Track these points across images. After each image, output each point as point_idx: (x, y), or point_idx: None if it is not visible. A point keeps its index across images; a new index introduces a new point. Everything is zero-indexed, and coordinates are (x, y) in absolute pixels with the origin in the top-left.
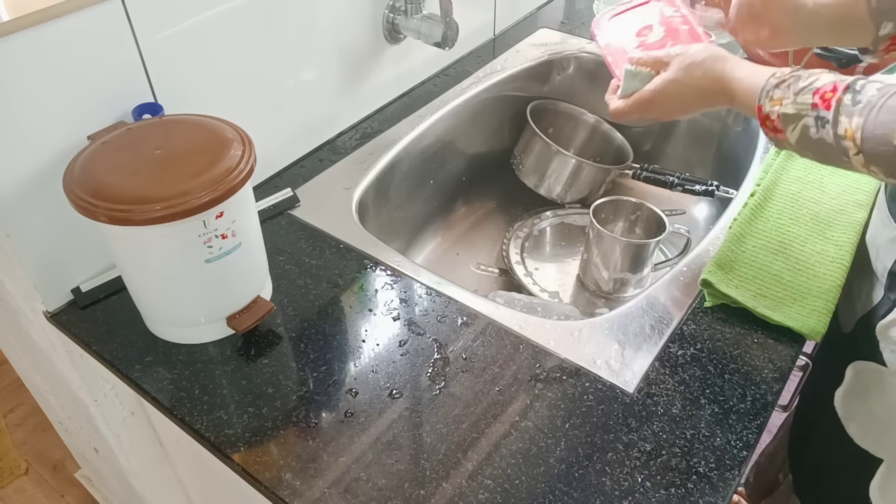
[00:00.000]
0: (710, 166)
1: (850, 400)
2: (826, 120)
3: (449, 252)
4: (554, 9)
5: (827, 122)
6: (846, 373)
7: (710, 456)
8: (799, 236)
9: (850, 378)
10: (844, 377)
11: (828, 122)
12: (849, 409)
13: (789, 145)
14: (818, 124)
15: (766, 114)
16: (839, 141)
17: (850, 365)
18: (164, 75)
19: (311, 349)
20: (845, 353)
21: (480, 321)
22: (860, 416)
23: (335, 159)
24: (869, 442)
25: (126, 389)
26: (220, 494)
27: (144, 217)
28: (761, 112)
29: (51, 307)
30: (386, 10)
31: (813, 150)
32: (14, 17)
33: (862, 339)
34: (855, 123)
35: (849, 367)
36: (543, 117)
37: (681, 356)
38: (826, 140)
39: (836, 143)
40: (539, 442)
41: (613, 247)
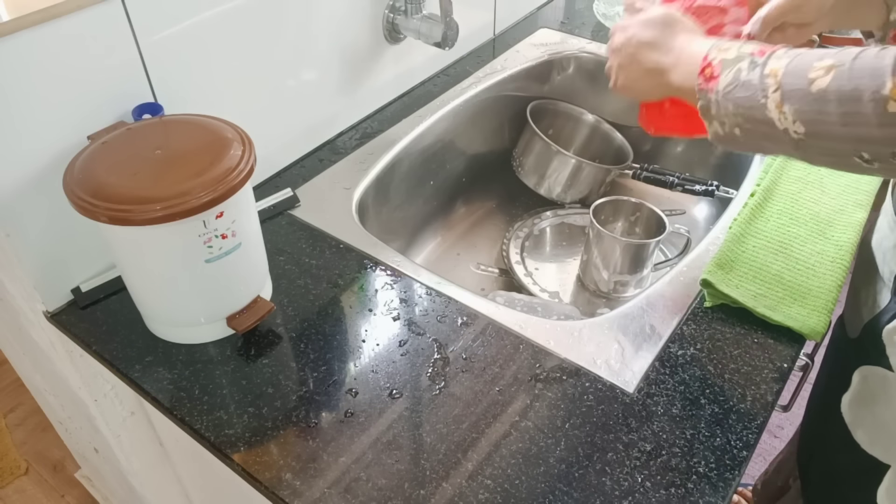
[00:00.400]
0: (710, 166)
1: (858, 406)
2: (757, 63)
3: (449, 252)
4: (554, 9)
5: (758, 65)
6: (853, 378)
7: (710, 456)
8: (799, 236)
9: (856, 383)
10: (851, 383)
11: (758, 65)
12: (856, 416)
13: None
14: (750, 67)
15: (709, 60)
16: (763, 80)
17: (856, 370)
18: (164, 75)
19: (311, 349)
20: (852, 358)
21: (480, 321)
22: (868, 423)
23: (335, 159)
24: (877, 449)
25: (126, 389)
26: (220, 494)
27: (144, 217)
28: (706, 59)
29: (51, 307)
30: (386, 10)
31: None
32: (14, 17)
33: (869, 344)
34: (782, 63)
35: (855, 373)
36: (543, 117)
37: (681, 356)
38: (752, 81)
39: (760, 82)
40: (539, 442)
41: (613, 247)
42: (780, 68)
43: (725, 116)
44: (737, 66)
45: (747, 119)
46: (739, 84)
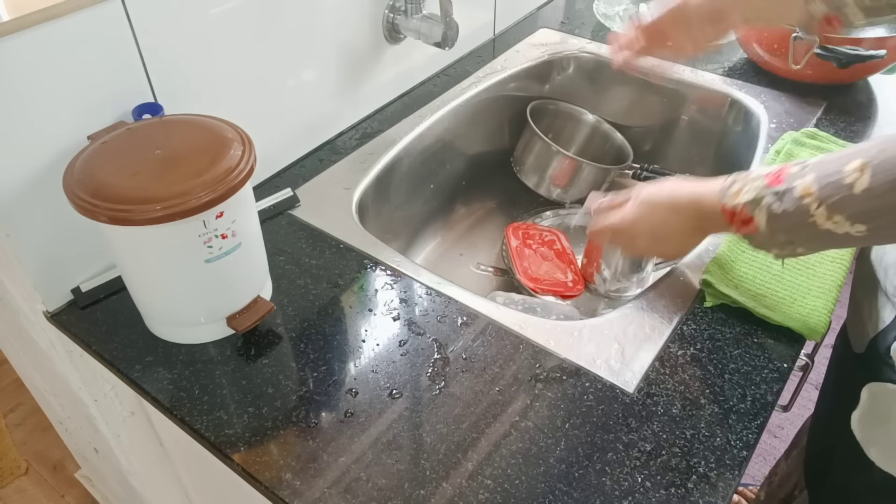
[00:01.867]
0: (710, 166)
1: (869, 424)
2: (782, 192)
3: (449, 252)
4: (554, 9)
5: (784, 193)
6: (861, 395)
7: (710, 456)
8: None
9: (865, 400)
10: (860, 399)
11: (785, 193)
12: (868, 434)
13: (761, 235)
14: (777, 199)
15: (731, 209)
16: (799, 203)
17: (865, 387)
18: (164, 75)
19: (311, 349)
20: (859, 373)
21: (480, 321)
22: (882, 440)
23: (335, 159)
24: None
25: (126, 389)
26: (220, 494)
27: (144, 217)
28: (726, 210)
29: (51, 307)
30: (386, 10)
31: (781, 225)
32: (14, 17)
33: (875, 360)
34: (809, 180)
35: (864, 390)
36: (543, 117)
37: (681, 356)
38: (789, 210)
39: (798, 207)
40: (539, 442)
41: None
42: (810, 185)
43: (782, 244)
44: (763, 205)
45: (805, 239)
46: (778, 217)
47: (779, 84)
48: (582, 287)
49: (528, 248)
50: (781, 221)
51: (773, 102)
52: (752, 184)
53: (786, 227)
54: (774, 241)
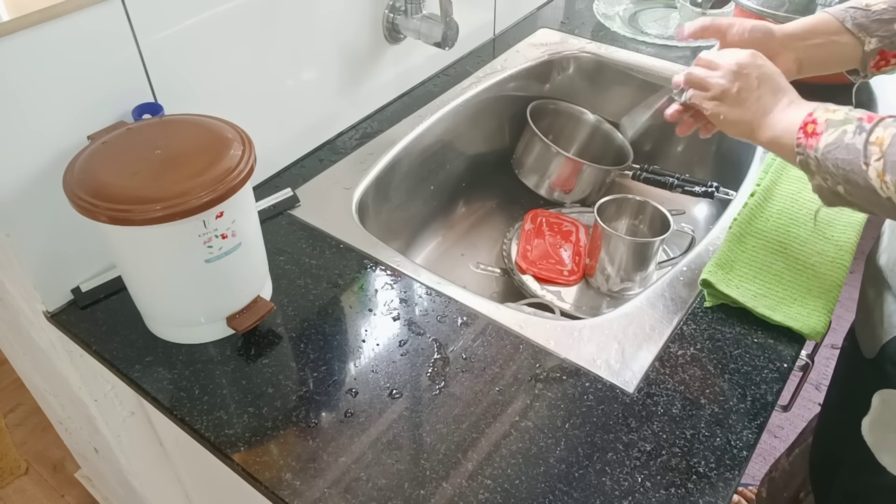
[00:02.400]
0: (710, 166)
1: (881, 429)
2: (864, 128)
3: (449, 252)
4: (554, 9)
5: (864, 130)
6: (873, 401)
7: (710, 456)
8: (799, 236)
9: (877, 406)
10: (871, 405)
11: (865, 130)
12: (880, 439)
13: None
14: (857, 131)
15: (814, 117)
16: (867, 146)
17: (876, 393)
18: (164, 75)
19: (311, 349)
20: (869, 379)
21: (480, 321)
22: (894, 447)
23: (335, 159)
24: None
25: (126, 389)
26: (220, 494)
27: (144, 217)
28: (810, 115)
29: (51, 307)
30: (386, 10)
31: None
32: (14, 17)
33: (887, 367)
34: (889, 132)
35: (875, 396)
36: (544, 117)
37: (681, 356)
38: (855, 145)
39: (864, 148)
40: (539, 442)
41: (618, 245)
42: (885, 138)
43: (827, 174)
44: (842, 128)
45: (848, 181)
46: (842, 146)
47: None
48: (577, 279)
49: (539, 236)
50: (840, 152)
51: None
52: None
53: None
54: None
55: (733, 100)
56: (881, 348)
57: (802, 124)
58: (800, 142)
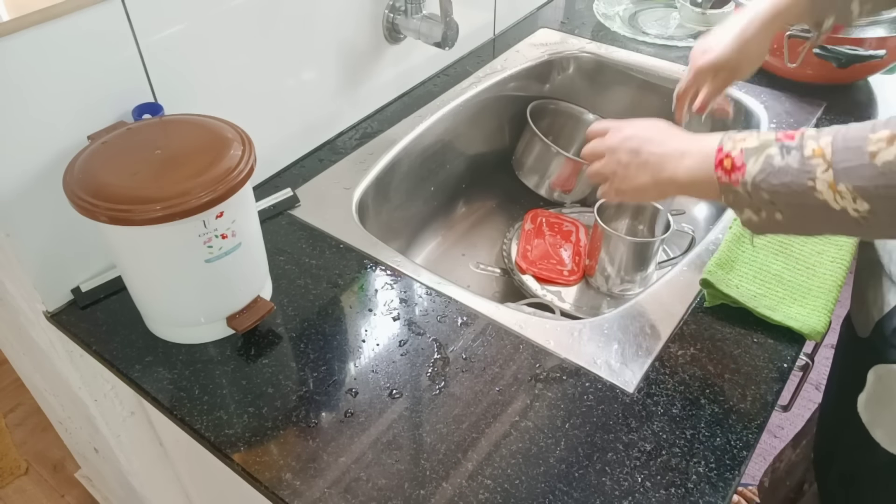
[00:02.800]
0: None
1: (875, 405)
2: (791, 147)
3: (449, 252)
4: (554, 9)
5: (792, 149)
6: (868, 377)
7: (710, 456)
8: (799, 236)
9: (871, 383)
10: (866, 382)
11: (793, 149)
12: (874, 415)
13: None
14: (783, 152)
15: (727, 152)
16: (806, 162)
17: (870, 370)
18: (164, 75)
19: (311, 349)
20: (864, 357)
21: (480, 321)
22: (887, 421)
23: (335, 159)
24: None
25: (126, 389)
26: (220, 494)
27: (144, 217)
28: (721, 151)
29: (51, 307)
30: (386, 10)
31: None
32: (14, 17)
33: (881, 343)
34: (824, 141)
35: (870, 372)
36: (544, 117)
37: (681, 356)
38: (791, 165)
39: (802, 166)
40: (539, 442)
41: (618, 245)
42: (824, 147)
43: (761, 204)
44: (765, 153)
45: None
46: (774, 171)
47: (779, 84)
48: (577, 279)
49: (539, 235)
50: (775, 178)
51: (773, 102)
52: (761, 135)
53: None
54: (753, 201)
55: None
56: (875, 326)
57: (717, 161)
58: (721, 180)
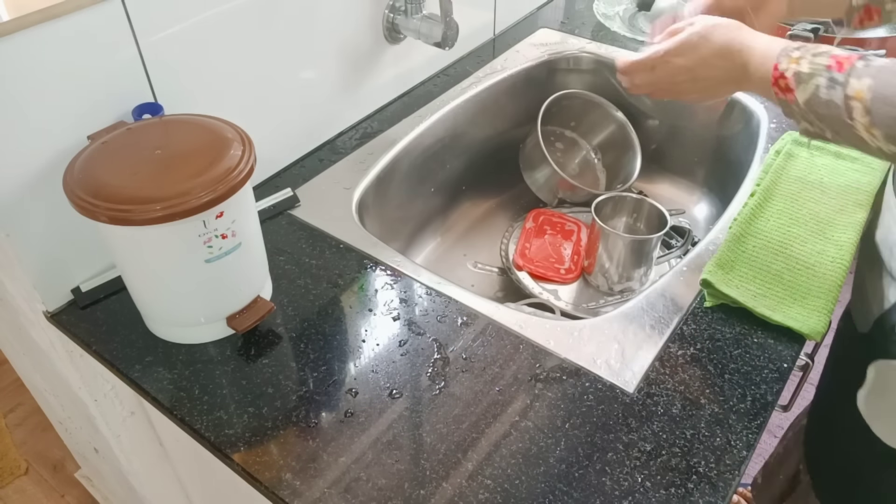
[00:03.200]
0: (710, 166)
1: (875, 399)
2: (837, 81)
3: (449, 252)
4: (554, 9)
5: (838, 84)
6: (868, 372)
7: (710, 456)
8: (799, 236)
9: (872, 378)
10: (866, 377)
11: (839, 84)
12: (873, 409)
13: (797, 107)
14: (830, 85)
15: (781, 71)
16: (848, 101)
17: (871, 364)
18: (164, 75)
19: (311, 349)
20: (864, 352)
21: (480, 321)
22: (886, 415)
23: (335, 159)
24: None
25: (126, 389)
26: (220, 494)
27: (144, 217)
28: (777, 69)
29: (51, 307)
30: (386, 10)
31: (820, 111)
32: (14, 17)
33: (881, 339)
34: (865, 84)
35: (870, 367)
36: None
37: (681, 356)
38: (835, 101)
39: (845, 105)
40: (539, 442)
41: (616, 243)
42: (864, 91)
43: (813, 122)
44: (814, 83)
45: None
46: (821, 102)
47: None
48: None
49: (540, 234)
50: (821, 108)
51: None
52: (814, 57)
53: (823, 115)
54: (807, 118)
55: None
56: (875, 321)
57: (773, 80)
58: (779, 97)
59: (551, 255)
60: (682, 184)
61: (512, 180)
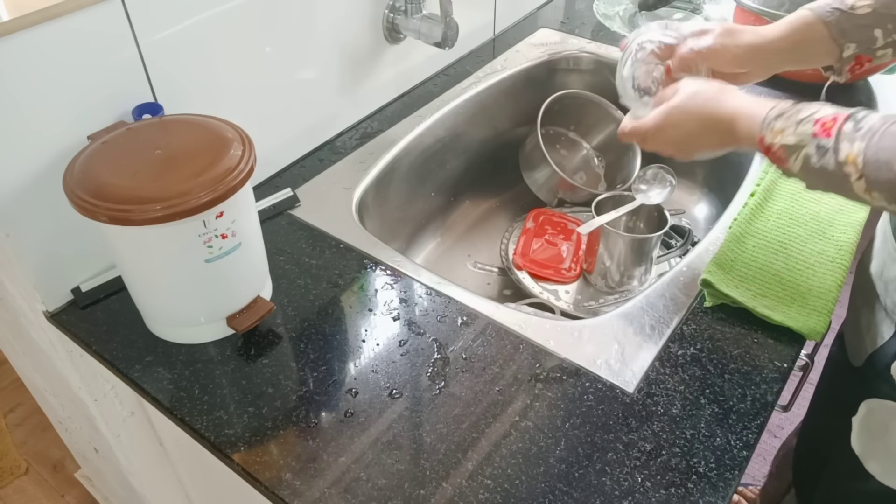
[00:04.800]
0: (710, 166)
1: (868, 438)
2: (826, 148)
3: (449, 252)
4: (554, 9)
5: (828, 151)
6: (860, 409)
7: (710, 456)
8: (799, 236)
9: (864, 415)
10: (857, 411)
11: (828, 150)
12: (867, 447)
13: (790, 173)
14: (819, 153)
15: (767, 145)
16: (841, 167)
17: (863, 402)
18: (164, 75)
19: (311, 349)
20: (857, 388)
21: (480, 321)
22: (881, 454)
23: (335, 159)
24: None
25: (126, 389)
26: (220, 494)
27: (144, 217)
28: (763, 143)
29: (51, 307)
30: (386, 10)
31: (816, 178)
32: (14, 17)
33: (874, 376)
34: (856, 149)
35: (863, 404)
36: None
37: (681, 356)
38: (827, 168)
39: (838, 170)
40: (539, 442)
41: (616, 242)
42: (856, 156)
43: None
44: (803, 153)
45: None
46: (814, 170)
47: (779, 84)
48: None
49: (540, 234)
50: (817, 175)
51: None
52: (797, 126)
53: (821, 179)
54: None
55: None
56: (868, 358)
57: (763, 149)
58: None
59: (551, 254)
60: (682, 184)
61: (512, 180)
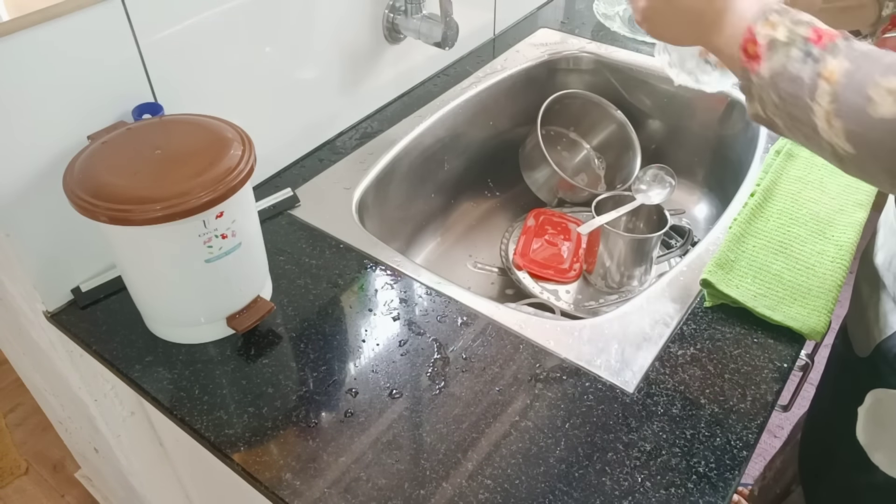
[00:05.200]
0: (710, 166)
1: (874, 428)
2: (813, 55)
3: (449, 252)
4: (554, 9)
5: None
6: (866, 399)
7: (710, 456)
8: (799, 236)
9: (870, 405)
10: (863, 402)
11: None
12: (873, 438)
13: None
14: (803, 59)
15: (753, 34)
16: (815, 80)
17: (869, 392)
18: (164, 75)
19: (311, 349)
20: (863, 378)
21: (480, 321)
22: (887, 445)
23: (335, 159)
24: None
25: (126, 389)
26: (220, 494)
27: (144, 217)
28: (750, 31)
29: (51, 307)
30: (386, 10)
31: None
32: (14, 17)
33: (882, 366)
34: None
35: (869, 394)
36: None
37: (681, 356)
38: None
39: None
40: (539, 442)
41: (616, 242)
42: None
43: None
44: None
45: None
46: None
47: None
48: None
49: (540, 234)
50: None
51: None
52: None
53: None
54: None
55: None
56: (875, 347)
57: (742, 42)
58: (742, 64)
59: (551, 254)
60: (682, 184)
61: (512, 180)
